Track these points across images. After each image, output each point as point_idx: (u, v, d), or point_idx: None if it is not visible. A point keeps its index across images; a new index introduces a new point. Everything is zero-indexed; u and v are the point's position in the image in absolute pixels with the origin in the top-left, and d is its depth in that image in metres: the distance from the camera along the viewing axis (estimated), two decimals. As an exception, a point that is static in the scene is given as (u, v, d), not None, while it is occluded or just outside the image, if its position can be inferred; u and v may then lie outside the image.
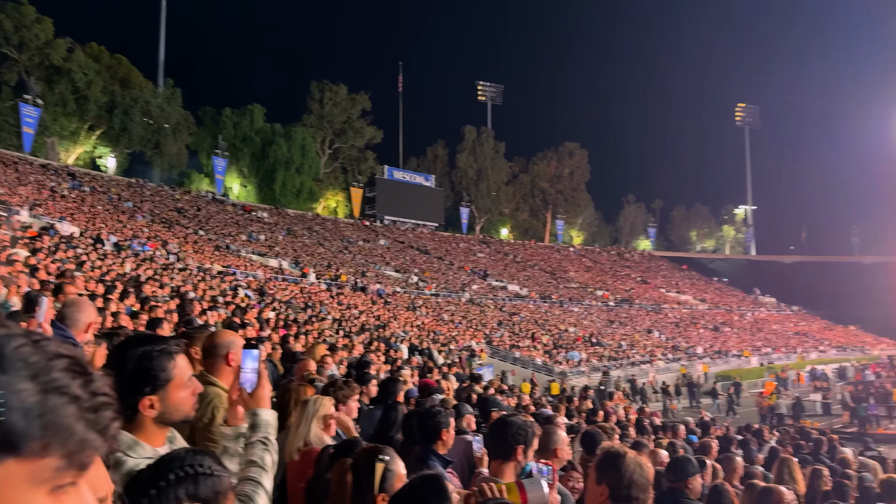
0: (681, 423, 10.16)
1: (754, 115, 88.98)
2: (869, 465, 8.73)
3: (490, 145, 72.72)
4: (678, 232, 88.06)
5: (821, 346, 51.10)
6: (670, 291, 61.57)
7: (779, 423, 21.56)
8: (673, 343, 42.78)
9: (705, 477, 5.01)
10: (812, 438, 12.25)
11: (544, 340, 35.71)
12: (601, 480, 2.29)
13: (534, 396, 15.99)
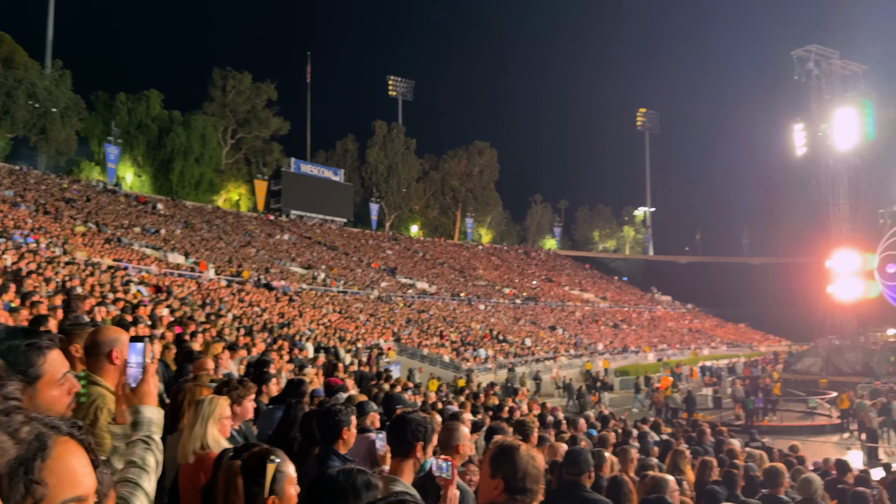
0: (581, 417, 10.47)
1: (654, 120, 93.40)
2: (755, 455, 9.25)
3: (401, 141, 72.60)
4: (582, 232, 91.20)
5: (712, 342, 54.26)
6: (574, 289, 63.61)
7: (673, 417, 22.70)
8: (575, 340, 44.19)
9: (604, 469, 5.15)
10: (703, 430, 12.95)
11: (452, 338, 36.01)
12: (496, 474, 2.30)
13: (440, 394, 16.08)
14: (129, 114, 52.91)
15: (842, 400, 22.91)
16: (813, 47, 36.82)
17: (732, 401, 26.63)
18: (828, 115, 36.74)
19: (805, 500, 5.72)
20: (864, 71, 38.62)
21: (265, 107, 61.93)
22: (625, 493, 4.22)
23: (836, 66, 37.43)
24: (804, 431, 22.28)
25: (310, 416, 3.88)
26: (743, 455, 9.26)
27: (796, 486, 6.30)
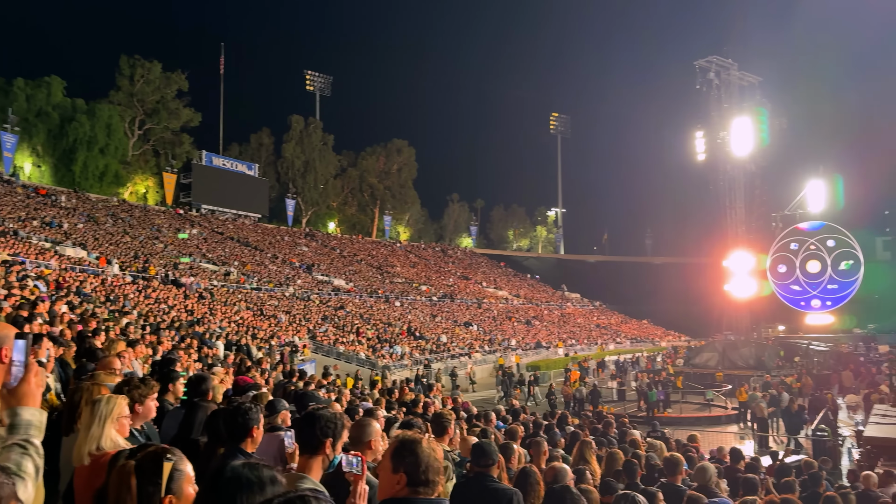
0: (492, 411, 10.66)
1: (566, 124, 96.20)
2: (655, 445, 9.66)
3: (318, 137, 71.45)
4: (497, 231, 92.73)
5: (618, 337, 56.41)
6: (489, 287, 64.57)
7: (580, 409, 23.45)
8: (490, 336, 44.90)
9: (512, 460, 5.29)
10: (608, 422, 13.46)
11: (369, 335, 35.85)
12: (398, 468, 2.32)
13: (356, 391, 15.99)
14: (28, 100, 49.58)
15: (740, 392, 24.30)
16: (714, 58, 38.90)
17: (636, 394, 27.83)
18: (726, 124, 38.90)
19: (700, 487, 6.02)
20: (760, 82, 41.18)
21: (175, 97, 59.47)
22: (531, 483, 4.38)
23: (734, 76, 39.69)
24: (702, 422, 23.46)
25: (217, 415, 3.79)
26: (644, 445, 9.68)
27: (693, 474, 6.65)
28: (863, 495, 7.78)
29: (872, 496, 7.79)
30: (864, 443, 15.08)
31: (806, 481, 8.48)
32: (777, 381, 25.99)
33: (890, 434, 15.32)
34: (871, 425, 16.71)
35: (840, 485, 8.99)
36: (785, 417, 19.74)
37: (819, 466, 10.72)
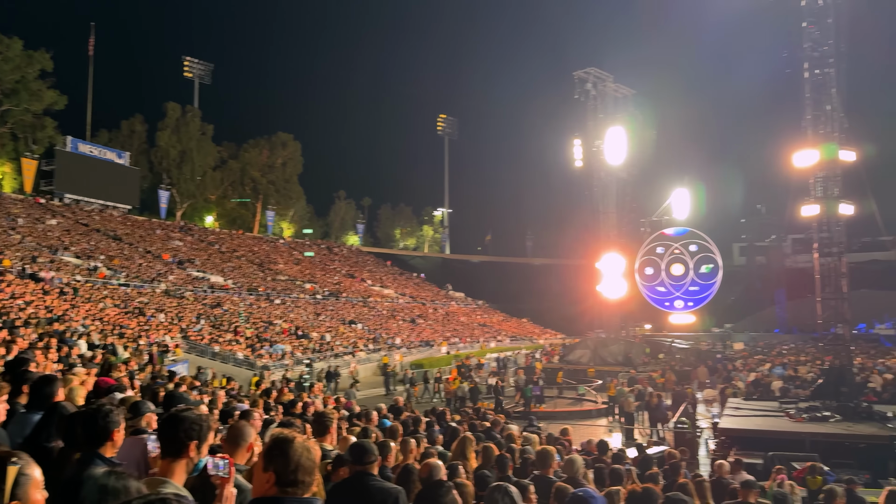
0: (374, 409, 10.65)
1: (453, 126, 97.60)
2: (531, 439, 10.04)
3: (196, 126, 68.22)
4: (384, 229, 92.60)
5: (499, 336, 57.91)
6: (375, 285, 64.33)
7: (460, 406, 23.87)
8: (374, 335, 44.74)
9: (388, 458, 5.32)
10: (486, 418, 13.80)
11: (248, 334, 34.68)
12: (268, 467, 2.29)
13: (232, 391, 15.43)
14: None
15: (609, 387, 25.63)
16: (591, 70, 40.81)
17: (514, 390, 28.70)
18: (601, 133, 40.93)
19: (569, 479, 6.29)
20: (633, 94, 43.64)
21: (38, 78, 54.68)
22: (413, 481, 4.44)
23: (609, 88, 41.81)
24: (575, 416, 24.58)
25: (74, 418, 3.54)
26: (520, 439, 10.01)
27: (563, 466, 6.94)
28: (716, 482, 8.45)
29: (724, 483, 8.48)
30: (719, 434, 16.35)
31: (667, 471, 9.07)
32: (643, 377, 27.65)
33: (741, 425, 16.74)
34: (726, 417, 18.18)
35: (696, 473, 9.69)
36: (649, 411, 21.02)
37: (679, 457, 11.55)
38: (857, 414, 17.18)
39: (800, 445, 14.33)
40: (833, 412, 17.22)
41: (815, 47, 18.77)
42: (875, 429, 15.68)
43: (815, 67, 18.84)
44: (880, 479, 11.87)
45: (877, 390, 22.71)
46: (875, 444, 14.56)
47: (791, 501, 7.32)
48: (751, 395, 23.00)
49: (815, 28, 18.64)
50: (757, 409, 18.81)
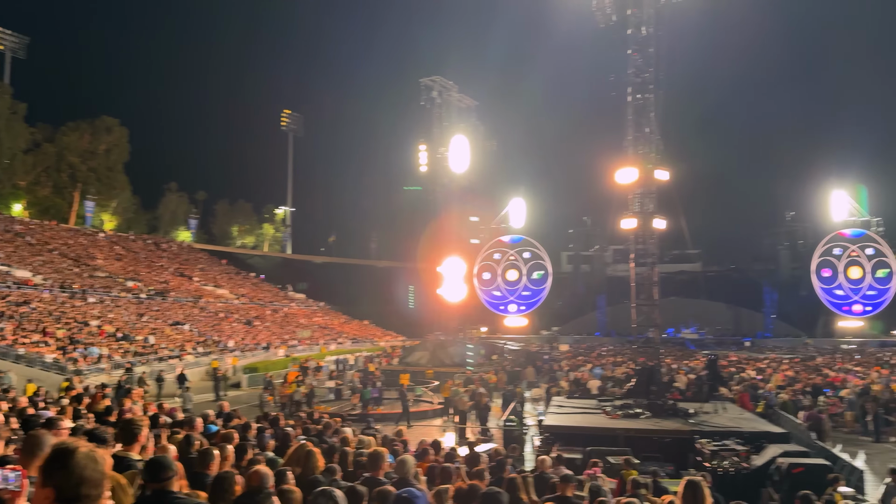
0: (199, 416, 10.08)
1: (299, 122, 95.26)
2: (365, 442, 10.02)
3: (6, 103, 60.94)
4: (220, 226, 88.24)
5: (340, 338, 57.31)
6: (207, 285, 61.07)
7: (296, 410, 23.28)
8: (205, 337, 42.46)
9: (211, 467, 5.03)
10: (322, 422, 13.56)
11: (59, 335, 31.47)
12: (47, 482, 2.04)
13: (37, 398, 13.91)
14: None
15: (445, 388, 26.20)
16: (437, 78, 41.75)
17: (351, 392, 28.51)
18: (446, 140, 41.97)
19: (400, 480, 6.34)
20: (476, 105, 45.24)
21: None
22: (226, 489, 4.21)
23: (454, 97, 43.02)
24: (413, 417, 24.90)
25: None
26: (355, 442, 9.94)
27: (395, 467, 6.97)
28: (539, 477, 8.92)
29: (546, 477, 8.98)
30: (544, 430, 17.28)
31: (494, 467, 9.43)
32: (477, 377, 28.61)
33: (563, 422, 17.81)
34: (550, 415, 19.25)
35: (521, 469, 10.16)
36: (479, 410, 21.78)
37: (506, 454, 12.05)
38: (664, 411, 18.92)
39: (614, 440, 15.50)
40: (644, 409, 18.83)
41: (637, 73, 20.54)
42: (679, 424, 17.35)
43: (637, 92, 20.61)
44: (681, 471, 13.13)
45: (681, 389, 25.22)
46: (678, 439, 16.10)
47: (605, 493, 7.89)
48: (572, 393, 24.58)
49: (639, 56, 20.41)
50: (577, 407, 20.12)
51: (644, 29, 20.36)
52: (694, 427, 16.68)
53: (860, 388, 24.28)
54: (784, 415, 20.15)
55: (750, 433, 15.73)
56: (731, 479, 12.82)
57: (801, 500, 7.29)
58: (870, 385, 24.97)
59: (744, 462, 13.52)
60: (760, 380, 27.98)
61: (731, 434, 15.57)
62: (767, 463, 12.94)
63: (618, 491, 9.56)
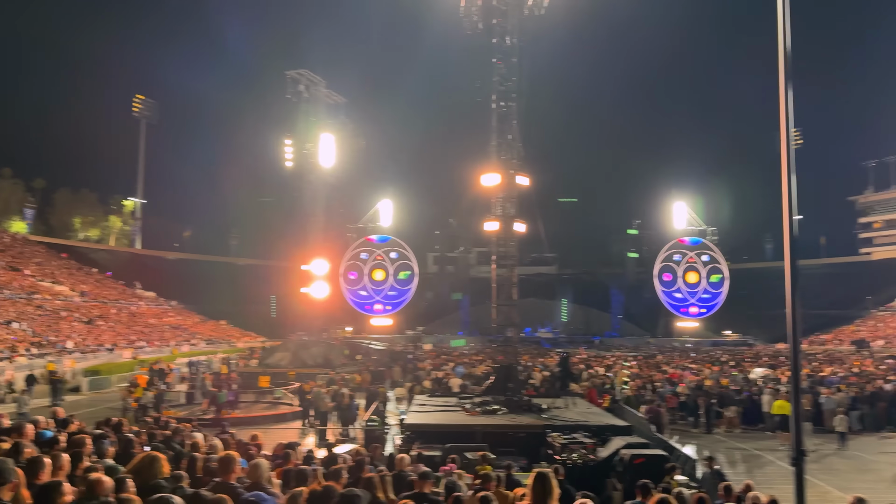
0: (30, 422, 9.16)
1: (153, 109, 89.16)
2: (216, 447, 9.58)
3: None
4: (60, 217, 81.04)
5: (193, 339, 54.46)
6: (44, 280, 55.82)
7: (142, 415, 21.87)
8: (40, 337, 38.79)
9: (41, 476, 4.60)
10: (170, 427, 12.81)
11: None
12: None
13: None
14: None
15: (305, 390, 25.60)
16: (304, 72, 40.83)
17: (202, 395, 27.18)
18: (313, 136, 41.16)
19: (253, 484, 6.11)
20: (345, 103, 44.76)
21: None
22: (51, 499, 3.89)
23: (322, 93, 42.30)
24: (270, 420, 24.16)
25: None
26: (206, 447, 9.47)
27: (247, 471, 6.70)
28: (397, 476, 8.96)
29: (404, 475, 9.04)
30: (405, 429, 17.37)
31: (352, 468, 9.35)
32: (339, 378, 28.28)
33: (424, 420, 18.01)
34: (411, 414, 19.40)
35: (380, 468, 10.13)
36: (341, 411, 21.55)
37: (365, 454, 11.99)
38: (519, 407, 19.65)
39: (472, 437, 15.87)
40: (501, 406, 19.46)
41: (501, 82, 21.21)
42: (532, 419, 18.09)
43: (501, 100, 21.28)
44: (534, 464, 13.68)
45: (536, 385, 26.35)
46: (532, 433, 16.78)
47: (460, 487, 8.04)
48: (434, 392, 24.95)
49: (503, 65, 21.10)
50: (438, 405, 20.43)
51: (508, 39, 21.07)
52: (546, 422, 17.45)
53: (694, 384, 26.55)
54: (628, 409, 21.59)
55: (597, 426, 16.68)
56: (579, 471, 13.53)
57: (640, 488, 7.83)
58: (702, 381, 27.37)
59: (591, 454, 14.31)
60: (607, 376, 29.88)
61: (579, 427, 16.43)
62: (612, 454, 13.78)
63: (473, 486, 9.80)
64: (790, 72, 10.05)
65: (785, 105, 10.01)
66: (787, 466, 10.57)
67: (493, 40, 21.23)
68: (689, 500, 8.05)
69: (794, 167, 9.98)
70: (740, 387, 26.59)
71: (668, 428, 21.00)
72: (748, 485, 9.42)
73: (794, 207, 9.79)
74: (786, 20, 10.25)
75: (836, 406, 22.03)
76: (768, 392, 23.61)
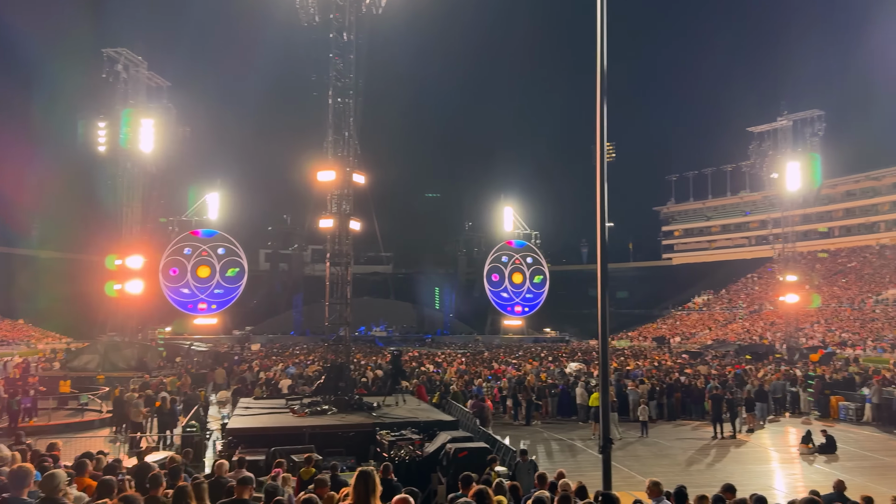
0: None
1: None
2: (6, 459, 8.70)
3: None
4: None
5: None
6: None
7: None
8: None
9: None
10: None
11: None
12: None
13: None
14: None
15: (116, 396, 23.59)
16: (123, 51, 37.59)
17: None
18: (132, 121, 38.01)
19: (46, 498, 5.58)
20: (169, 87, 41.79)
21: None
22: None
23: (143, 75, 39.21)
24: (74, 428, 22.03)
25: None
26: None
27: (41, 483, 6.08)
28: (214, 482, 8.54)
29: (223, 482, 8.64)
30: (227, 434, 16.61)
31: (167, 475, 8.77)
32: (156, 381, 26.42)
33: (248, 424, 17.31)
34: (235, 418, 18.57)
35: (195, 476, 9.60)
36: (159, 416, 20.17)
37: (180, 461, 11.30)
38: (350, 406, 19.54)
39: (300, 438, 15.51)
40: (331, 405, 19.23)
41: (339, 77, 20.96)
42: (362, 418, 18.05)
43: (338, 96, 21.03)
44: (363, 462, 13.66)
45: (367, 384, 26.38)
46: (362, 432, 16.74)
47: (282, 492, 7.84)
48: (261, 394, 24.12)
49: (340, 61, 20.85)
50: (265, 408, 19.75)
51: (346, 35, 20.87)
52: (376, 420, 17.51)
53: (515, 379, 27.98)
54: (455, 404, 22.27)
55: (425, 422, 17.00)
56: (407, 467, 13.73)
57: (462, 480, 8.06)
58: (524, 376, 28.93)
59: (418, 450, 14.57)
60: (436, 373, 30.64)
61: (408, 424, 16.67)
62: (438, 449, 14.12)
63: (297, 489, 9.60)
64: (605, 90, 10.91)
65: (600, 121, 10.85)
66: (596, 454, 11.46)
67: (331, 35, 20.92)
68: (506, 489, 8.44)
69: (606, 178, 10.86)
70: (557, 380, 28.44)
71: (491, 421, 21.94)
72: (560, 472, 10.08)
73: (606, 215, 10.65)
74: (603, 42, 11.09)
75: (639, 397, 24.25)
76: (581, 385, 25.48)
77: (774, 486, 15.85)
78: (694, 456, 19.30)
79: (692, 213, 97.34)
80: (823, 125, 42.71)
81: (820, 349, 43.92)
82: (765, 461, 19.16)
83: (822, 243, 78.58)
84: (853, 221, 78.35)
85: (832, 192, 75.37)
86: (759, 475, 16.99)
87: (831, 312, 61.17)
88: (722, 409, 22.30)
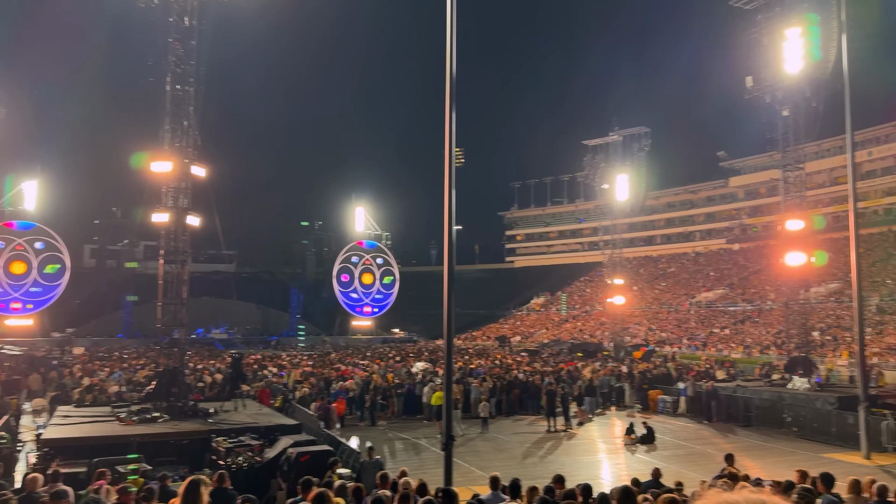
0: None
1: None
2: None
3: None
4: None
5: None
6: None
7: None
8: None
9: None
10: None
11: None
12: None
13: None
14: None
15: None
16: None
17: None
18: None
19: None
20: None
21: None
22: None
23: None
24: None
25: None
26: None
27: None
28: (26, 498, 7.73)
29: (35, 497, 7.82)
30: (43, 445, 15.12)
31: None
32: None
33: (67, 434, 15.83)
34: (52, 427, 16.91)
35: (2, 492, 8.63)
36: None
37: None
38: (184, 413, 18.44)
39: (127, 448, 14.42)
40: (163, 412, 18.04)
41: (178, 63, 19.72)
42: (197, 425, 17.11)
43: (177, 83, 19.78)
44: (196, 471, 12.95)
45: (204, 389, 25.05)
46: (196, 439, 15.88)
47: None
48: (81, 402, 22.16)
49: (180, 46, 19.64)
50: (87, 416, 18.17)
51: (187, 20, 19.70)
52: (212, 426, 16.69)
53: (362, 380, 27.89)
54: (299, 407, 21.78)
55: (266, 427, 16.47)
56: (245, 474, 13.22)
57: (302, 485, 7.90)
58: (370, 376, 28.90)
59: (257, 456, 14.08)
60: (280, 376, 29.79)
61: (247, 430, 16.06)
62: (279, 454, 13.73)
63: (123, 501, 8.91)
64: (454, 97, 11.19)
65: (449, 126, 11.11)
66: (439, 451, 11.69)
67: (171, 19, 19.65)
68: (347, 491, 8.39)
69: (455, 183, 11.15)
70: (403, 380, 28.71)
71: (335, 423, 21.72)
72: (403, 471, 10.18)
73: (454, 218, 10.93)
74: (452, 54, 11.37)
75: (480, 394, 25.10)
76: (427, 384, 25.92)
77: (601, 475, 17.06)
78: (529, 449, 20.31)
79: (533, 219, 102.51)
80: (649, 141, 46.54)
81: (642, 347, 47.98)
82: (593, 452, 20.59)
83: (645, 250, 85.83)
84: (673, 230, 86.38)
85: (655, 203, 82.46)
86: (588, 466, 18.22)
87: (652, 313, 67.02)
88: (555, 403, 23.67)
